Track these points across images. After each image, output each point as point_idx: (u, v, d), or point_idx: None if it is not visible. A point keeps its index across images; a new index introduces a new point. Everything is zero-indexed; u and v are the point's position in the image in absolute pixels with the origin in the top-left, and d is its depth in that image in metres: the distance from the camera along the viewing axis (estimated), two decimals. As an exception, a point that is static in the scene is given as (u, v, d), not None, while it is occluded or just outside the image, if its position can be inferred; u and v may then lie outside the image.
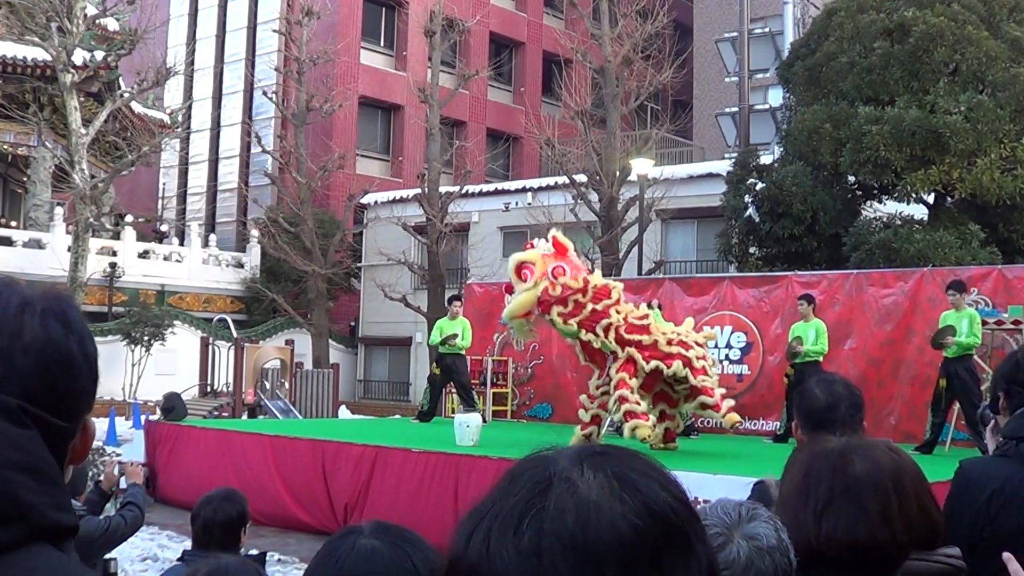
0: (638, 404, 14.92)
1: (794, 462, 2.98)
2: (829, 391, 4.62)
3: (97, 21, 34.61)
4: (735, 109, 39.74)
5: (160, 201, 52.47)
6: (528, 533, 1.34)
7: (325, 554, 2.52)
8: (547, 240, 15.50)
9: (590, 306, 14.91)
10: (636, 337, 15.16)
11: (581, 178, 34.52)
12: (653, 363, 15.11)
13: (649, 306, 20.33)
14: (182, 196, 52.22)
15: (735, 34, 40.30)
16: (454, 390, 23.36)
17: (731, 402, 15.87)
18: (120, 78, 36.23)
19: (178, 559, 5.91)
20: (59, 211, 40.05)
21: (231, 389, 29.93)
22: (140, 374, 37.75)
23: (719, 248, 30.80)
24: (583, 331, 14.97)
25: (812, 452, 2.96)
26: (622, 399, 14.82)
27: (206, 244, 46.27)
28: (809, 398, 4.63)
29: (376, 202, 44.83)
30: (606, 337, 14.98)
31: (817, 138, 27.25)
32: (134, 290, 41.72)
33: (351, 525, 2.64)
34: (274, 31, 47.47)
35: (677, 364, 15.23)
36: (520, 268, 14.77)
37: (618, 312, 15.10)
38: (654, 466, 1.45)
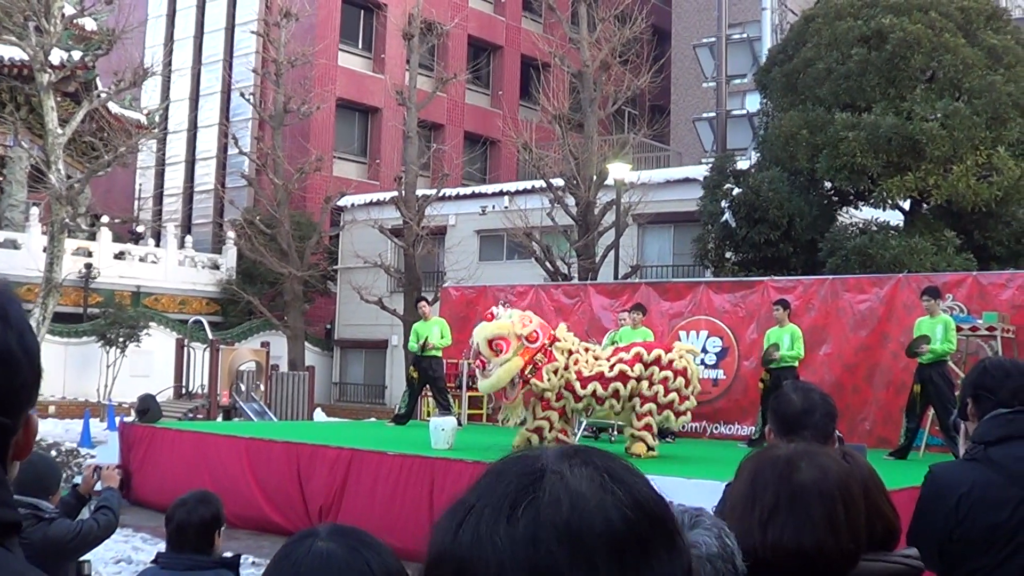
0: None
1: (743, 468, 2.98)
2: (806, 397, 4.64)
3: (75, 21, 34.42)
4: (712, 114, 39.88)
5: (136, 202, 52.33)
6: (523, 521, 1.36)
7: (281, 557, 2.50)
8: (504, 307, 16.53)
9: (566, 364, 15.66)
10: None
11: (558, 182, 34.52)
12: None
13: (634, 309, 20.45)
14: (158, 197, 52.08)
15: (713, 39, 40.41)
16: (430, 393, 23.33)
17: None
18: (97, 78, 36.10)
19: (152, 561, 5.89)
20: (35, 211, 39.87)
21: (206, 391, 29.87)
22: (115, 375, 37.66)
23: (695, 253, 30.87)
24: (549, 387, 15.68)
25: (760, 458, 2.96)
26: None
27: (182, 245, 46.09)
28: (785, 402, 4.65)
29: (353, 204, 44.77)
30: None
31: (794, 144, 27.31)
32: (109, 291, 41.58)
33: (307, 528, 2.63)
34: (252, 32, 47.38)
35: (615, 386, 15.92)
36: (492, 342, 15.16)
37: (576, 362, 15.80)
38: (633, 467, 1.48)
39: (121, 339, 37.83)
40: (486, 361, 15.32)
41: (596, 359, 16.03)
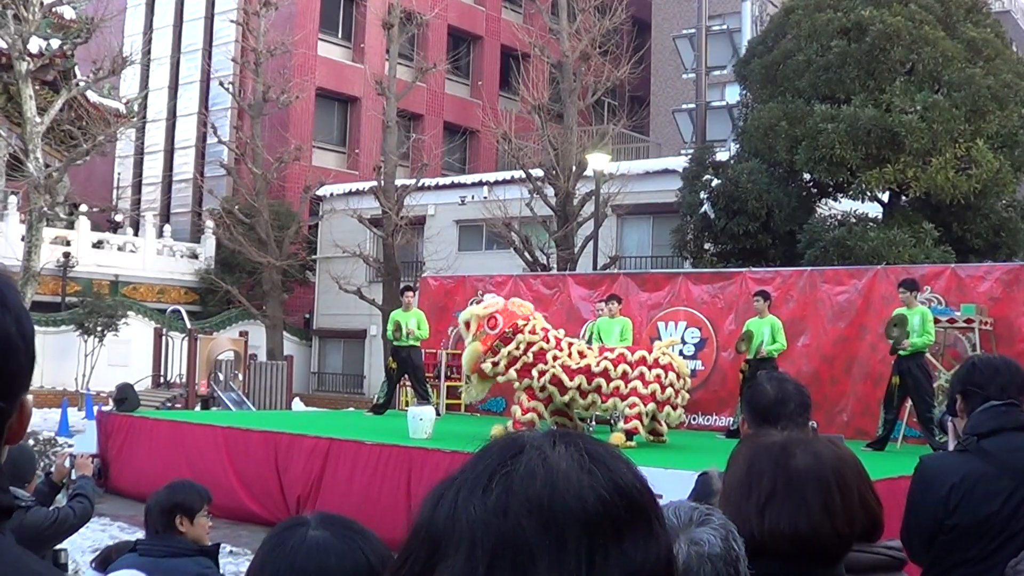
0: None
1: (737, 455, 2.99)
2: (780, 388, 4.65)
3: (54, 9, 34.36)
4: (692, 106, 39.81)
5: (115, 191, 52.13)
6: (496, 492, 1.37)
7: (274, 546, 2.48)
8: (486, 294, 17.22)
9: (523, 357, 16.15)
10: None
11: (537, 172, 34.50)
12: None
13: (609, 300, 20.44)
14: (137, 186, 51.87)
15: (693, 31, 40.37)
16: (408, 383, 23.33)
17: (640, 439, 16.48)
18: (76, 67, 36.01)
19: (130, 549, 5.88)
20: (13, 200, 39.77)
21: (184, 380, 29.79)
22: (93, 365, 37.58)
23: (674, 244, 30.88)
24: (521, 379, 16.27)
25: (754, 446, 2.97)
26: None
27: (161, 235, 45.99)
28: (759, 393, 4.66)
29: (332, 194, 44.72)
30: (540, 380, 16.22)
31: (773, 135, 27.35)
32: (88, 280, 41.46)
33: (296, 516, 2.61)
34: (232, 21, 47.21)
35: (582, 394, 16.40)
36: (467, 323, 16.31)
37: (555, 358, 16.23)
38: (619, 452, 1.49)
39: (99, 328, 37.74)
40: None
41: (582, 355, 16.30)
